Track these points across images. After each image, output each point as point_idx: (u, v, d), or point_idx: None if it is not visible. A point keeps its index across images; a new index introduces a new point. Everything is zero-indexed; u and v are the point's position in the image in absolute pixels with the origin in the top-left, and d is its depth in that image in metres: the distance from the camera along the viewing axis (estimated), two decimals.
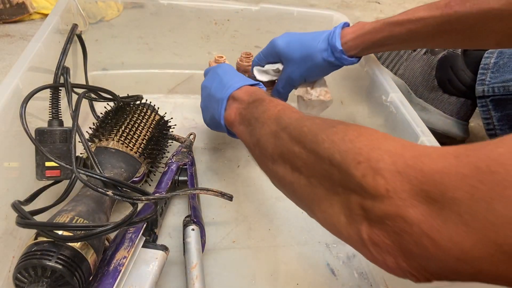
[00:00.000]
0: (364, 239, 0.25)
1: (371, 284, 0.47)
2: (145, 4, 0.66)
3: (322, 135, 0.29)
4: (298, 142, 0.31)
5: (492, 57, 0.66)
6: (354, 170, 0.25)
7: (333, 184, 0.27)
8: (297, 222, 0.53)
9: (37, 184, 0.44)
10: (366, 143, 0.26)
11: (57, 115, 0.45)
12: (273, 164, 0.34)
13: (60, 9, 0.57)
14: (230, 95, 0.46)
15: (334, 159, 0.27)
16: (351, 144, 0.27)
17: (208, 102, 0.51)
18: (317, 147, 0.29)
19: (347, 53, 0.52)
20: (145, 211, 0.45)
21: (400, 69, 0.75)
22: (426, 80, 0.73)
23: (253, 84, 0.47)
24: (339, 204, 0.27)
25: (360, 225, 0.25)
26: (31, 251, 0.34)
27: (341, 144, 0.27)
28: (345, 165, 0.26)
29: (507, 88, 0.63)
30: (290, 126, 0.34)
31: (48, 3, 0.95)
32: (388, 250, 0.23)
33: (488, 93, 0.65)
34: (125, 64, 0.70)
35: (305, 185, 0.30)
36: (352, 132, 0.28)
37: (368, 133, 0.27)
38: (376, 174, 0.24)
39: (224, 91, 0.46)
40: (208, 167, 0.60)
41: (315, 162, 0.29)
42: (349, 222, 0.26)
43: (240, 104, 0.44)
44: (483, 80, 0.66)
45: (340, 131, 0.29)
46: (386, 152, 0.25)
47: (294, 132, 0.33)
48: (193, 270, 0.41)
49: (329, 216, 0.28)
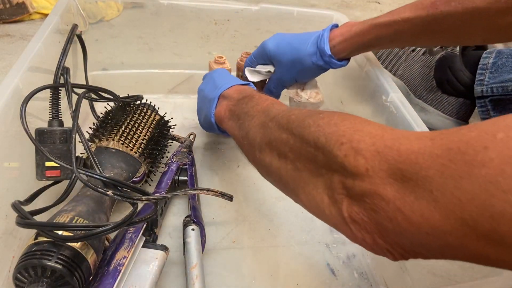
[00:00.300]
0: (344, 217, 0.26)
1: (371, 284, 0.47)
2: (145, 4, 0.66)
3: (308, 120, 0.31)
4: (286, 129, 0.33)
5: (490, 57, 0.66)
6: (337, 150, 0.26)
7: (318, 166, 0.29)
8: (297, 222, 0.53)
9: (37, 184, 0.44)
10: (350, 126, 0.28)
11: (57, 115, 0.45)
12: (260, 153, 0.36)
13: (60, 9, 0.57)
14: (220, 94, 0.48)
15: (319, 141, 0.28)
16: (335, 127, 0.28)
17: (202, 104, 0.53)
18: (303, 131, 0.30)
19: (336, 56, 0.53)
20: (145, 211, 0.45)
21: (399, 69, 0.76)
22: (425, 81, 0.73)
23: (244, 84, 0.49)
24: (323, 185, 0.28)
25: (341, 204, 0.26)
26: (31, 251, 0.34)
27: (326, 128, 0.29)
28: (329, 146, 0.27)
29: (506, 88, 0.63)
30: (278, 115, 0.35)
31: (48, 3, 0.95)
32: (366, 228, 0.25)
33: (487, 93, 0.65)
34: (125, 64, 0.70)
35: (291, 170, 0.32)
36: (338, 117, 0.30)
37: (353, 118, 0.29)
38: (357, 154, 0.25)
39: (216, 91, 0.49)
40: (208, 167, 0.60)
41: (301, 146, 0.30)
42: (332, 202, 0.27)
43: (229, 101, 0.46)
44: (482, 81, 0.66)
45: (326, 116, 0.30)
46: (368, 134, 0.26)
47: (282, 121, 0.34)
48: (193, 270, 0.41)
49: (313, 198, 0.29)
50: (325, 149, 0.28)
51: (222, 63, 0.64)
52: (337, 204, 0.27)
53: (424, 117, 0.73)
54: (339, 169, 0.26)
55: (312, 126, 0.30)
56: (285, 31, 0.57)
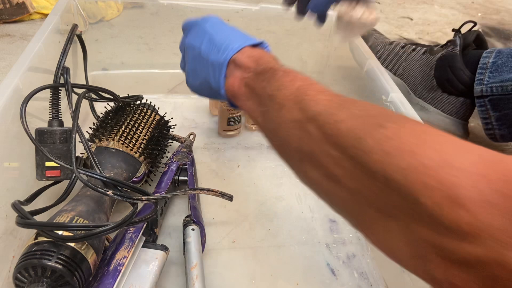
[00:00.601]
0: (438, 279, 0.20)
1: (371, 284, 0.47)
2: (145, 4, 0.66)
3: (368, 140, 0.23)
4: (335, 144, 0.25)
5: (490, 57, 0.66)
6: (422, 196, 0.20)
7: (389, 206, 0.22)
8: (297, 222, 0.53)
9: (37, 184, 0.44)
10: (433, 155, 0.20)
11: (57, 115, 0.45)
12: (300, 163, 0.29)
13: (60, 9, 0.57)
14: (230, 59, 0.38)
15: (391, 178, 0.21)
16: (412, 158, 0.21)
17: (197, 65, 0.42)
18: (364, 157, 0.23)
19: None
20: (145, 211, 0.45)
21: (399, 69, 0.76)
22: (425, 80, 0.73)
23: (255, 44, 0.40)
24: (399, 231, 0.22)
25: (431, 262, 0.20)
26: (31, 251, 0.34)
27: (398, 158, 0.21)
28: (407, 188, 0.20)
29: (505, 87, 0.63)
30: (319, 117, 0.27)
31: (48, 3, 0.95)
32: None
33: (486, 93, 0.65)
34: (125, 64, 0.70)
35: (346, 199, 0.25)
36: (409, 136, 0.22)
37: (431, 139, 0.22)
38: (456, 205, 0.18)
39: (221, 54, 0.39)
40: (208, 167, 0.60)
41: (361, 176, 0.23)
42: (415, 256, 0.21)
43: (244, 73, 0.37)
44: (482, 80, 0.66)
45: (393, 134, 0.22)
46: (463, 171, 0.19)
47: (327, 128, 0.26)
48: (193, 270, 0.41)
49: (383, 240, 0.23)
50: (402, 190, 0.21)
51: None
52: (425, 260, 0.21)
53: (424, 116, 0.73)
54: (427, 220, 0.20)
55: (376, 151, 0.22)
56: (285, 31, 0.57)
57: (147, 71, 0.71)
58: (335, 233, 0.52)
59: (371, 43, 0.82)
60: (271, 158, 0.63)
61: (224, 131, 0.65)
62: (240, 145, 0.65)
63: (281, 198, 0.56)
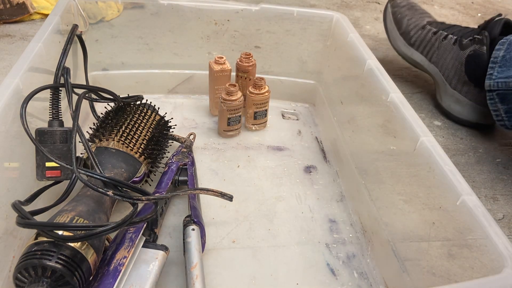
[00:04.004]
0: None
1: (371, 284, 0.47)
2: (145, 4, 0.66)
3: None
4: None
5: (502, 49, 0.68)
6: None
7: None
8: (297, 222, 0.53)
9: (37, 184, 0.44)
10: None
11: (58, 116, 0.45)
12: None
13: (60, 10, 0.57)
14: None
15: None
16: None
17: None
18: None
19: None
20: (145, 211, 0.45)
21: (433, 56, 0.79)
22: (458, 74, 0.75)
23: None
24: None
25: None
26: (31, 251, 0.34)
27: None
28: None
29: (508, 84, 0.65)
30: None
31: (48, 3, 0.95)
32: None
33: (494, 87, 0.67)
34: (125, 64, 0.70)
35: None
36: None
37: None
38: None
39: None
40: (208, 167, 0.60)
41: None
42: None
43: None
44: (491, 75, 0.68)
45: None
46: None
47: None
48: (193, 270, 0.42)
49: None
50: None
51: (222, 63, 0.64)
52: None
53: (459, 109, 0.76)
54: None
55: None
56: (285, 31, 0.57)
57: (147, 71, 0.71)
58: (335, 233, 0.53)
59: (403, 28, 0.84)
60: (271, 158, 0.63)
61: (224, 131, 0.65)
62: (240, 145, 0.65)
63: (281, 198, 0.56)
